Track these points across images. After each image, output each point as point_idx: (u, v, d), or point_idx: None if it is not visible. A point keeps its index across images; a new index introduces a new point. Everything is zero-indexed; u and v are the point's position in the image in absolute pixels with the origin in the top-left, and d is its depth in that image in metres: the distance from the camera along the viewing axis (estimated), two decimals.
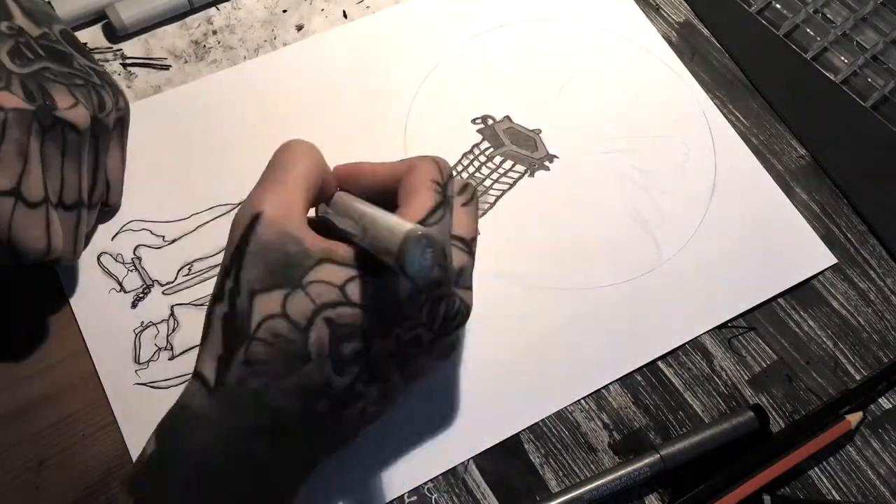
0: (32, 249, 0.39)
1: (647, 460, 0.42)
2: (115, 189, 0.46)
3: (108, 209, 0.47)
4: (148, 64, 0.52)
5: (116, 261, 0.46)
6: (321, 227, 0.36)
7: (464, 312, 0.37)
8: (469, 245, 0.38)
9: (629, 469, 0.42)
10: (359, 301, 0.33)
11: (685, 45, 0.56)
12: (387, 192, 0.37)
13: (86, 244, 0.46)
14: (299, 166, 0.36)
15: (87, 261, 0.46)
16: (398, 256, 0.31)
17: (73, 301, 0.44)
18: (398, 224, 0.32)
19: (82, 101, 0.41)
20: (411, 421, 0.43)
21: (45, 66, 0.40)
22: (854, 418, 0.44)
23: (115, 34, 0.52)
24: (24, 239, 0.39)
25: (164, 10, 0.52)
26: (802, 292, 0.48)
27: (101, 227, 0.46)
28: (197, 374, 0.34)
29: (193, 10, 0.53)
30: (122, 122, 0.45)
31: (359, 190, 0.39)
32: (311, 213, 0.37)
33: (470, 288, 0.38)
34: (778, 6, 0.57)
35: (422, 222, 0.34)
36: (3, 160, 0.37)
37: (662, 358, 0.46)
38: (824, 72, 0.55)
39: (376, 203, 0.37)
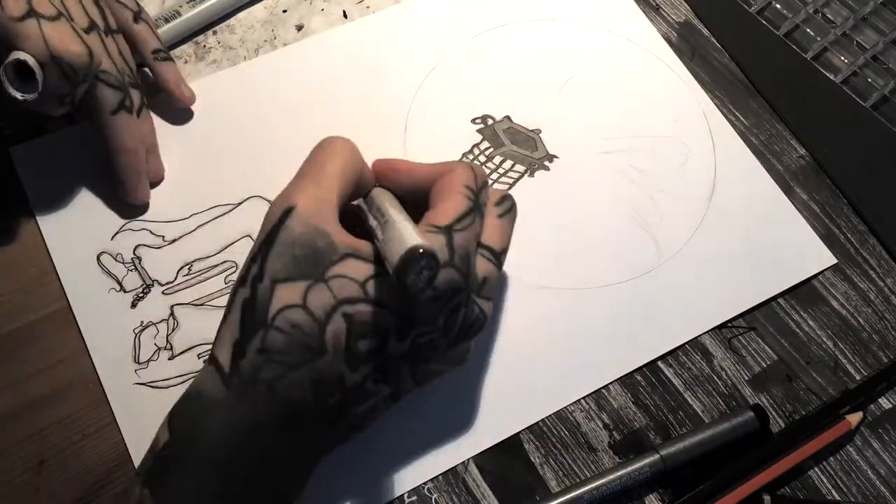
0: (78, 56, 0.41)
1: (647, 460, 0.42)
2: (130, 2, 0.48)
3: (141, 14, 0.49)
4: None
5: (116, 260, 0.46)
6: (355, 222, 0.37)
7: (480, 322, 0.37)
8: (497, 256, 0.38)
9: (629, 469, 0.42)
10: (378, 299, 0.34)
11: (685, 45, 0.56)
12: (422, 192, 0.38)
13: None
14: (334, 163, 0.36)
15: (86, 260, 0.46)
16: (396, 268, 0.31)
17: (72, 300, 0.44)
18: (407, 236, 0.32)
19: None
20: (411, 421, 0.43)
21: None
22: (854, 418, 0.44)
23: None
24: (66, 49, 0.40)
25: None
26: (802, 292, 0.48)
27: (100, 227, 0.46)
28: (213, 359, 0.34)
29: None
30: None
31: (396, 187, 0.39)
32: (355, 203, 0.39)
33: (490, 299, 0.38)
34: (778, 6, 0.57)
35: (450, 226, 0.35)
36: None
37: (662, 358, 0.46)
38: (824, 72, 0.55)
39: (413, 202, 0.38)
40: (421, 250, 0.31)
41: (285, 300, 0.33)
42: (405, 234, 0.33)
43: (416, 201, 0.38)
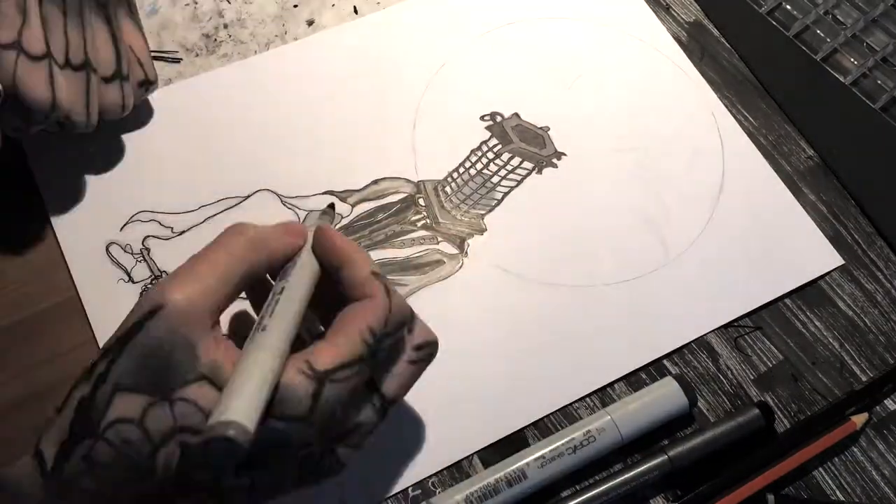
0: (38, 100, 0.39)
1: (655, 461, 0.42)
2: (147, 64, 0.46)
3: (150, 86, 0.47)
4: (159, 57, 0.52)
5: (125, 251, 0.46)
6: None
7: (334, 470, 0.34)
8: (386, 405, 0.35)
9: (638, 471, 0.41)
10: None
11: (695, 45, 0.56)
12: (342, 283, 0.34)
13: (125, 112, 0.46)
14: (225, 260, 0.33)
15: (95, 251, 0.46)
16: (204, 436, 0.28)
17: (81, 291, 0.45)
18: (231, 400, 0.28)
19: None
20: (416, 415, 0.43)
21: None
22: (859, 420, 0.44)
23: None
24: (30, 91, 0.39)
25: None
26: (809, 293, 0.48)
27: (109, 218, 0.47)
28: (37, 452, 0.31)
29: None
30: (129, 1, 0.46)
31: (322, 259, 0.35)
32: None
33: (358, 448, 0.35)
34: (788, 7, 0.57)
35: (326, 373, 0.31)
36: (3, 13, 0.38)
37: (668, 356, 0.46)
38: (834, 73, 0.55)
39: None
40: (229, 432, 0.28)
41: (122, 412, 0.30)
42: (237, 392, 0.29)
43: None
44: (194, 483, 0.31)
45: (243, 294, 0.36)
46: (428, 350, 0.36)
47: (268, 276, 0.36)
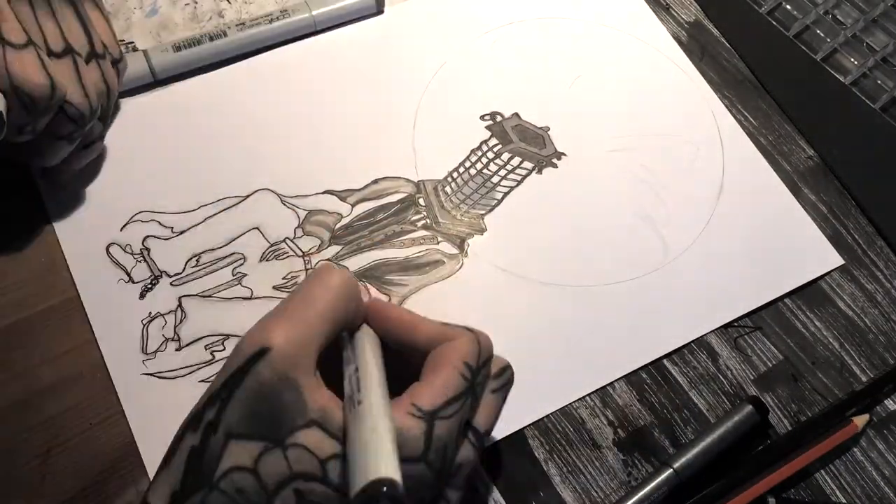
0: (38, 87, 0.39)
1: (662, 476, 0.42)
2: (112, 45, 0.46)
3: (120, 64, 0.47)
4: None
5: (125, 251, 0.46)
6: (333, 354, 0.33)
7: None
8: (481, 439, 0.35)
9: (647, 491, 0.41)
10: (336, 483, 0.30)
11: (695, 45, 0.56)
12: (416, 352, 0.34)
13: (111, 91, 0.45)
14: (325, 300, 0.32)
15: (95, 251, 0.46)
16: (355, 497, 0.28)
17: (81, 291, 0.45)
18: (373, 460, 0.28)
19: None
20: None
21: None
22: (860, 421, 0.44)
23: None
24: (26, 79, 0.38)
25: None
26: (809, 293, 0.48)
27: (109, 218, 0.47)
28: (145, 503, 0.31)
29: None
30: None
31: (385, 335, 0.35)
32: None
33: (462, 489, 0.34)
34: (788, 7, 0.57)
35: (434, 412, 0.31)
36: None
37: (668, 356, 0.46)
38: (834, 73, 0.55)
39: (400, 352, 0.34)
40: (384, 489, 0.27)
41: (236, 460, 0.30)
42: (373, 453, 0.29)
43: (406, 354, 0.35)
44: None
45: None
46: (506, 376, 0.36)
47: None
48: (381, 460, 0.28)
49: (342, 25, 0.54)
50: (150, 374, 0.43)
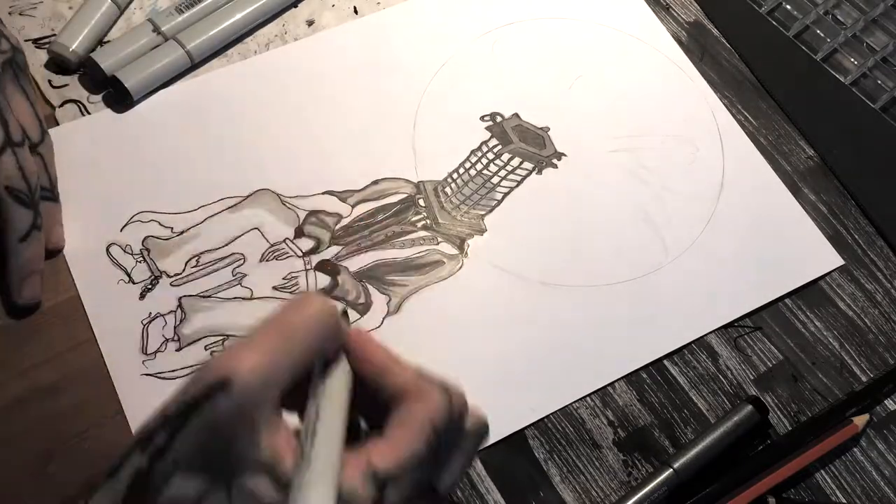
0: None
1: (661, 476, 0.42)
2: (31, 127, 0.44)
3: (40, 147, 0.45)
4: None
5: (125, 252, 0.46)
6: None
7: None
8: (442, 500, 0.32)
9: (647, 490, 0.41)
10: None
11: (695, 45, 0.56)
12: (385, 394, 0.32)
13: (29, 180, 0.43)
14: (304, 332, 0.30)
15: (96, 251, 0.46)
16: None
17: (82, 291, 0.45)
18: (323, 495, 0.27)
19: None
20: None
21: None
22: (860, 421, 0.44)
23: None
24: None
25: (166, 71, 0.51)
26: (809, 293, 0.48)
27: (109, 219, 0.47)
28: None
29: (194, 67, 0.52)
30: (14, 65, 0.43)
31: (358, 369, 0.33)
32: None
33: None
34: (788, 7, 0.57)
35: (393, 476, 0.30)
36: None
37: (668, 356, 0.46)
38: (834, 73, 0.55)
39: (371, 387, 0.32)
40: None
41: (179, 492, 0.28)
42: (322, 489, 0.27)
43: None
44: None
45: None
46: (480, 435, 0.34)
47: None
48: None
49: None
50: (151, 375, 0.43)
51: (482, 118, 0.52)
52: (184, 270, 0.46)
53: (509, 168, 0.51)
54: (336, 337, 0.32)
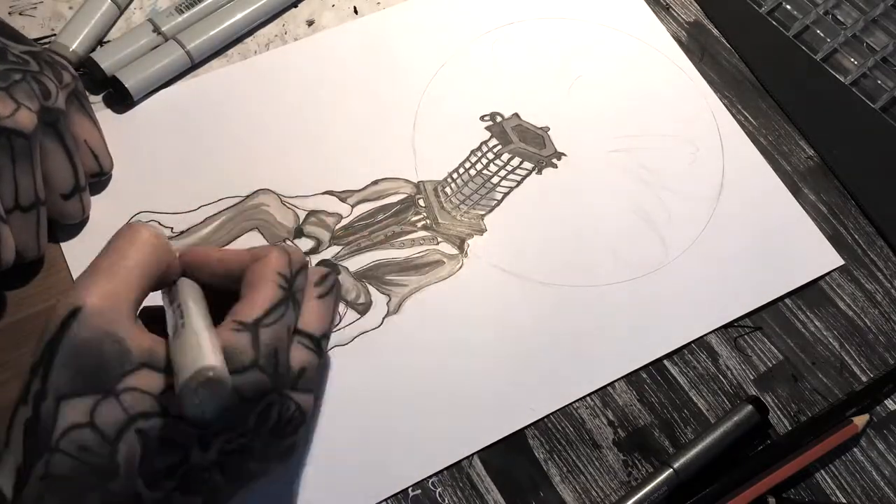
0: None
1: (662, 476, 0.42)
2: (103, 156, 0.46)
3: (103, 177, 0.47)
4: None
5: None
6: (159, 314, 0.34)
7: (298, 418, 0.34)
8: (317, 342, 0.35)
9: (647, 490, 0.41)
10: (176, 412, 0.31)
11: (695, 45, 0.56)
12: (235, 281, 0.35)
13: (85, 216, 0.46)
14: (135, 254, 0.33)
15: (96, 251, 0.45)
16: (178, 393, 0.29)
17: None
18: (195, 353, 0.29)
19: (24, 102, 0.39)
20: (416, 415, 0.43)
21: None
22: (861, 421, 0.44)
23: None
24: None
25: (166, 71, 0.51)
26: (809, 293, 0.48)
27: (110, 218, 0.47)
28: None
29: (194, 67, 0.52)
30: (77, 95, 0.44)
31: (208, 278, 0.36)
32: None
33: (311, 390, 0.35)
34: (788, 7, 0.57)
35: (257, 321, 0.32)
36: None
37: (668, 356, 0.46)
38: (834, 73, 0.55)
39: (226, 293, 0.35)
40: (210, 374, 0.28)
41: (71, 419, 0.30)
42: (195, 349, 0.29)
43: (233, 292, 0.35)
44: (160, 471, 0.31)
45: None
46: (330, 281, 0.37)
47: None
48: (203, 353, 0.29)
49: None
50: None
51: (482, 118, 0.52)
52: None
53: (509, 168, 0.51)
54: (167, 250, 0.35)
